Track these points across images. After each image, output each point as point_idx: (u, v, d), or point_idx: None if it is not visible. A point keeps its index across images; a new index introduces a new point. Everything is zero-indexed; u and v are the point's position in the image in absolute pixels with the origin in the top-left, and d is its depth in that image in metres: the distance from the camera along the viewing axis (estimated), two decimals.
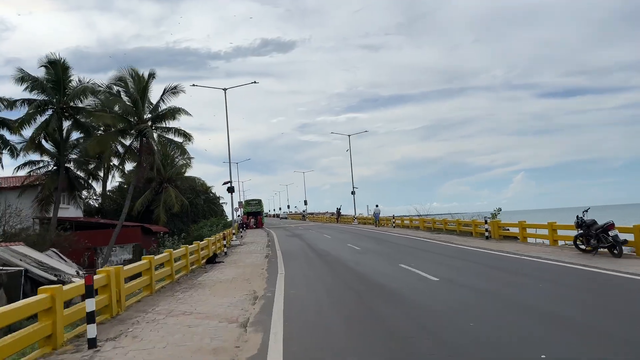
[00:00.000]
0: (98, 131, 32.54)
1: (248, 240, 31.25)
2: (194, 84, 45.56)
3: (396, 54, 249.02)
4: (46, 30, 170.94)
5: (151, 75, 31.37)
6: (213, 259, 17.94)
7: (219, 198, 55.99)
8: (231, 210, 39.36)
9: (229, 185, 33.74)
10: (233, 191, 33.69)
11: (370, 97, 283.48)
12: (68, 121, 31.02)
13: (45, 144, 31.42)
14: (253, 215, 56.54)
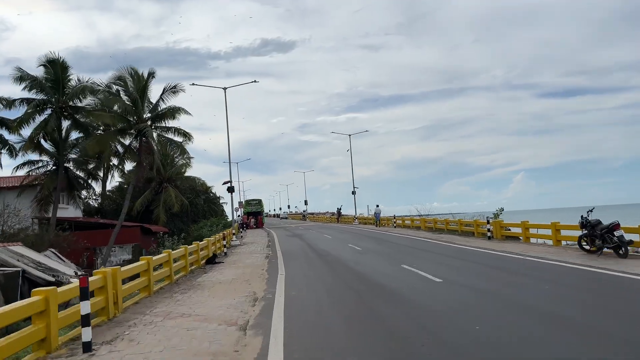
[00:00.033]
0: (97, 131, 32.34)
1: (248, 241, 31.12)
2: (193, 83, 45.65)
3: (396, 54, 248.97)
4: (46, 30, 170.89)
5: (151, 75, 31.23)
6: (213, 259, 17.80)
7: (219, 198, 55.87)
8: (231, 210, 39.31)
9: (229, 185, 33.63)
10: (233, 191, 33.59)
11: (370, 97, 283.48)
12: (67, 121, 30.88)
13: (44, 143, 31.25)
14: (253, 215, 56.50)
